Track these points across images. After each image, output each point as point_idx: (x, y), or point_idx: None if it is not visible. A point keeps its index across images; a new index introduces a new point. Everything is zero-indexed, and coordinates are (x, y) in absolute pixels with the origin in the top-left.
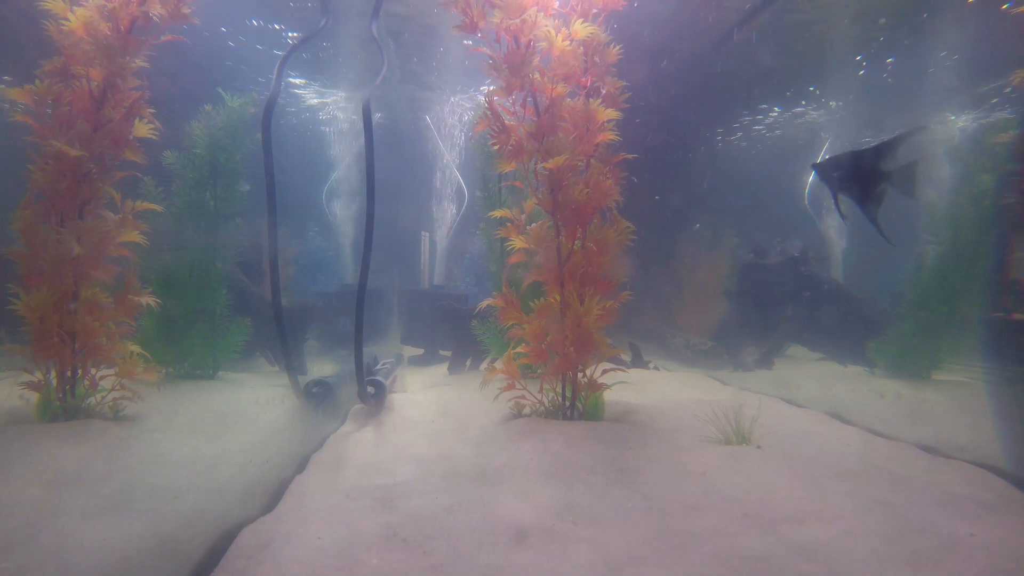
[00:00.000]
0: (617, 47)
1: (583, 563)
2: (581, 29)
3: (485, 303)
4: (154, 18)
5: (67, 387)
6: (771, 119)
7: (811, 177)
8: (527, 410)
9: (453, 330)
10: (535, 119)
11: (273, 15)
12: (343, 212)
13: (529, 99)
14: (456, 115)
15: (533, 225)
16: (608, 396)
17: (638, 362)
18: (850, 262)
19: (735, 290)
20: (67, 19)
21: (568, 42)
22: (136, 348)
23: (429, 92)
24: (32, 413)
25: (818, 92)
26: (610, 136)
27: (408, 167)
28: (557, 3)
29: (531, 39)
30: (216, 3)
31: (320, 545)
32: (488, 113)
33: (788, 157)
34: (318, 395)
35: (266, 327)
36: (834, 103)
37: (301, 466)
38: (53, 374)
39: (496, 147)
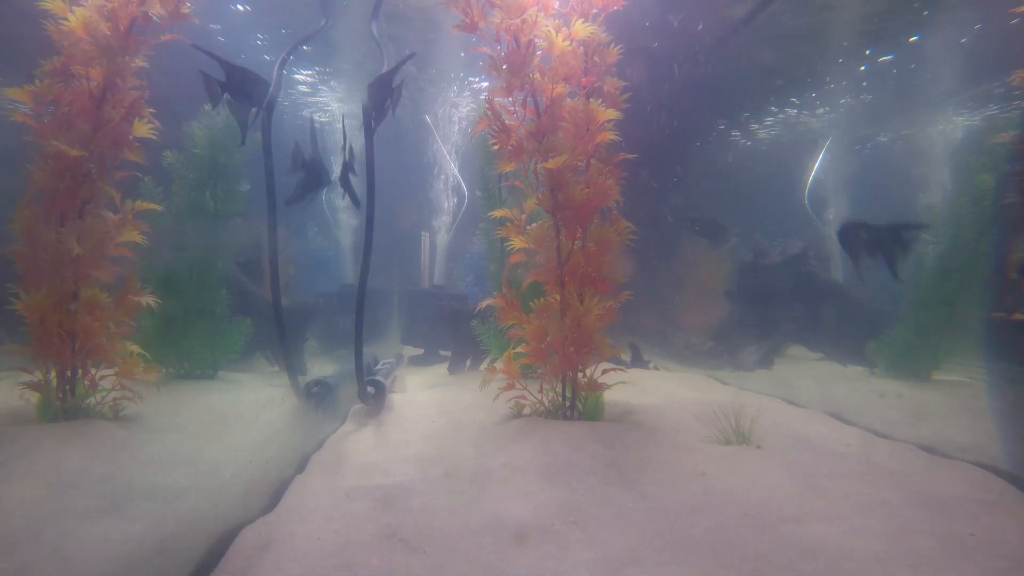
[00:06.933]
0: (617, 47)
1: (583, 563)
2: (581, 29)
3: (485, 303)
4: (154, 18)
5: (67, 387)
6: (771, 118)
7: (811, 177)
8: (527, 410)
9: (453, 330)
10: (535, 119)
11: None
12: (344, 211)
13: (529, 99)
14: (456, 115)
15: (533, 225)
16: (608, 396)
17: (638, 362)
18: (850, 262)
19: (735, 290)
20: (67, 19)
21: (568, 42)
22: (136, 348)
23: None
24: (32, 413)
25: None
26: (610, 136)
27: (407, 167)
28: (557, 3)
29: (531, 39)
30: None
31: (320, 545)
32: (488, 113)
33: (788, 156)
34: (318, 395)
35: (266, 327)
36: (823, 109)
37: (301, 466)
38: (53, 374)
39: (496, 147)
